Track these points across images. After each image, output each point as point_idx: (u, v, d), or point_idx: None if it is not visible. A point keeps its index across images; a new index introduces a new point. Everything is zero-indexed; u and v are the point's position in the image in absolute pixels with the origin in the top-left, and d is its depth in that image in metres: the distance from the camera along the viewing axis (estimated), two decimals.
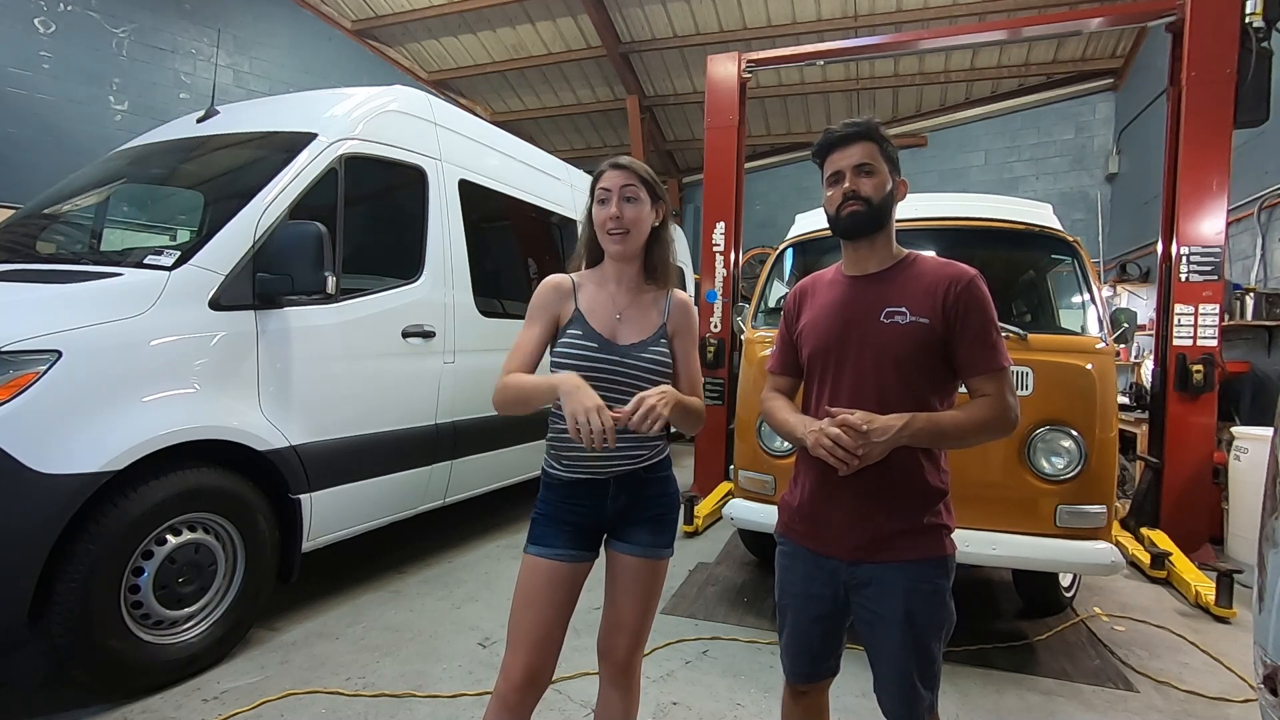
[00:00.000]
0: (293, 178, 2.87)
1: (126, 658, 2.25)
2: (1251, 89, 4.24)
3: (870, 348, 1.41)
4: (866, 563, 1.40)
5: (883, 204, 1.43)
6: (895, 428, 1.31)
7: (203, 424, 2.44)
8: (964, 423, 1.37)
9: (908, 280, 1.44)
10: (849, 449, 1.31)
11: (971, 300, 1.38)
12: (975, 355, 1.38)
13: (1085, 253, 3.30)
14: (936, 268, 1.44)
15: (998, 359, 1.38)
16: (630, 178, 1.54)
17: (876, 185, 1.43)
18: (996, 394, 1.37)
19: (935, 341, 1.38)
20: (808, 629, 1.50)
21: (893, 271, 1.47)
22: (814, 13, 8.45)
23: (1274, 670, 1.27)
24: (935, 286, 1.40)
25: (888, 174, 1.45)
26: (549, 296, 1.59)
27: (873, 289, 1.46)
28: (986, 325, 1.39)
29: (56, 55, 6.44)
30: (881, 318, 1.41)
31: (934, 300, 1.39)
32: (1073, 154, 9.39)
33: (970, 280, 1.40)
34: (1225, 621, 3.37)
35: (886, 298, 1.43)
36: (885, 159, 1.45)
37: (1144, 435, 5.03)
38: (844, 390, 1.43)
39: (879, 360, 1.40)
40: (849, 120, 1.47)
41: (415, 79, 10.34)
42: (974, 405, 1.39)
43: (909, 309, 1.40)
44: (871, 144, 1.44)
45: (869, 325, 1.43)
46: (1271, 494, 1.40)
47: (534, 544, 1.55)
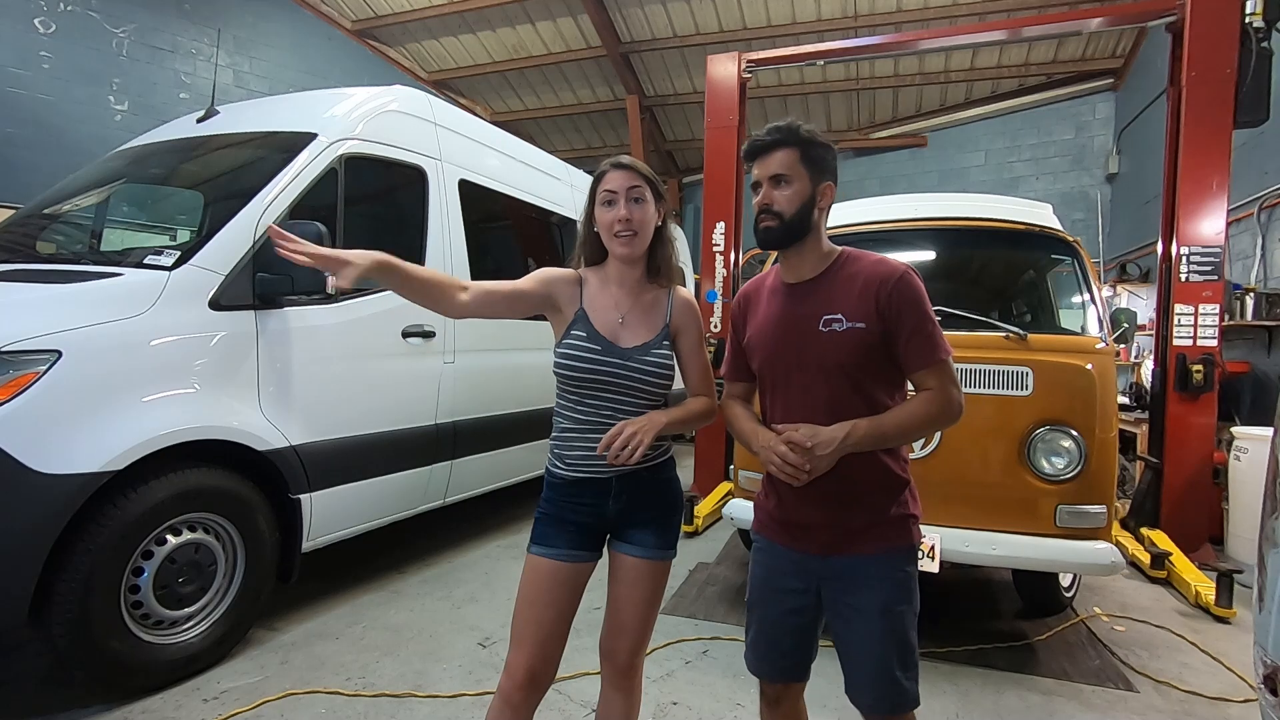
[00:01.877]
0: (293, 178, 2.87)
1: (126, 658, 2.25)
2: (1251, 89, 4.24)
3: (813, 358, 1.42)
4: (839, 555, 1.43)
5: (797, 217, 1.42)
6: (838, 439, 1.34)
7: (203, 424, 2.44)
8: (906, 421, 1.39)
9: (841, 284, 1.44)
10: (796, 465, 1.34)
11: (903, 298, 1.38)
12: (913, 351, 1.40)
13: (1085, 253, 3.30)
14: (868, 268, 1.43)
15: (935, 352, 1.39)
16: (636, 178, 1.54)
17: (791, 197, 1.41)
18: (938, 387, 1.39)
19: (874, 343, 1.39)
20: (779, 622, 1.50)
21: (826, 276, 1.47)
22: (814, 13, 8.44)
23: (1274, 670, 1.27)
24: (868, 288, 1.40)
25: (808, 181, 1.42)
26: (557, 282, 1.57)
27: (809, 297, 1.46)
28: (921, 320, 1.39)
29: (56, 55, 6.44)
30: (820, 326, 1.42)
31: (868, 303, 1.39)
32: (1073, 154, 9.39)
33: (900, 277, 1.40)
34: (1225, 621, 3.37)
35: (822, 305, 1.43)
36: (808, 164, 1.42)
37: (1144, 435, 5.03)
38: (794, 400, 1.45)
39: (823, 369, 1.41)
40: (772, 125, 1.44)
41: (415, 79, 10.34)
42: (916, 401, 1.41)
43: (844, 315, 1.40)
44: (791, 150, 1.42)
45: (809, 335, 1.43)
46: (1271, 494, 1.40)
47: (537, 544, 1.55)
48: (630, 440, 1.42)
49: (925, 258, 3.45)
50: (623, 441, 1.41)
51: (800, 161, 1.42)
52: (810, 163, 1.43)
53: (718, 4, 8.53)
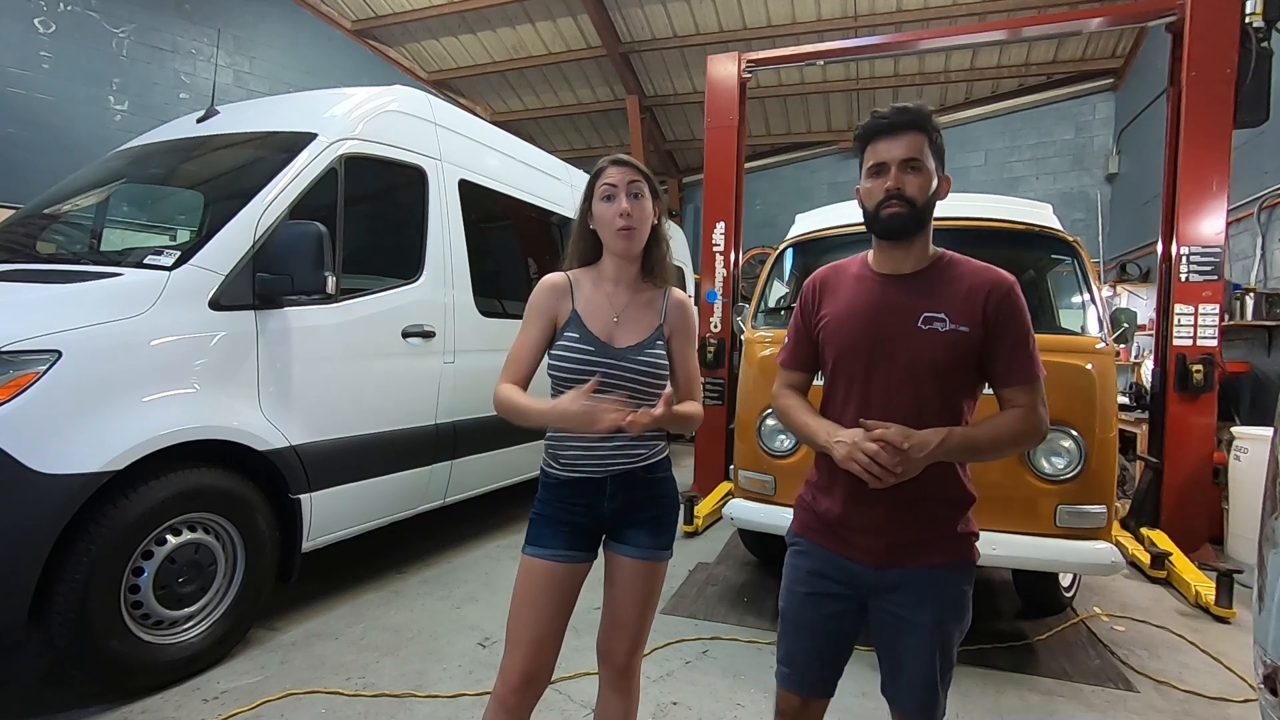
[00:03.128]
0: (293, 178, 2.87)
1: (126, 658, 2.25)
2: (1251, 89, 4.24)
3: (905, 355, 1.33)
4: (895, 567, 1.35)
5: (926, 205, 1.35)
6: (933, 444, 1.26)
7: (203, 424, 2.44)
8: (998, 436, 1.32)
9: (946, 284, 1.36)
10: (886, 466, 1.24)
11: (1012, 309, 1.33)
12: (1013, 365, 1.33)
13: (1085, 253, 3.30)
14: (976, 272, 1.37)
15: (1034, 370, 1.34)
16: (635, 174, 1.54)
17: (922, 184, 1.33)
18: (1030, 406, 1.33)
19: (974, 350, 1.32)
20: (820, 629, 1.42)
21: (929, 273, 1.38)
22: (814, 13, 8.45)
23: (1274, 670, 1.27)
24: (975, 292, 1.33)
25: (934, 171, 1.35)
26: (545, 298, 1.58)
27: (908, 291, 1.37)
28: (1025, 335, 1.34)
29: (56, 55, 6.44)
30: (920, 324, 1.33)
31: (974, 307, 1.32)
32: (1073, 154, 9.39)
33: (1011, 287, 1.35)
34: (1225, 621, 3.37)
35: (924, 302, 1.35)
36: (934, 153, 1.35)
37: (1144, 435, 5.03)
38: (876, 398, 1.35)
39: (916, 369, 1.33)
40: (899, 105, 1.34)
41: (415, 79, 10.34)
42: (1007, 417, 1.34)
43: (949, 316, 1.32)
44: (922, 136, 1.33)
45: (905, 331, 1.34)
46: (1271, 494, 1.40)
47: (532, 544, 1.55)
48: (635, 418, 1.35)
49: None
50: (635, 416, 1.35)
51: (929, 148, 1.35)
52: (936, 152, 1.37)
53: (718, 4, 8.53)
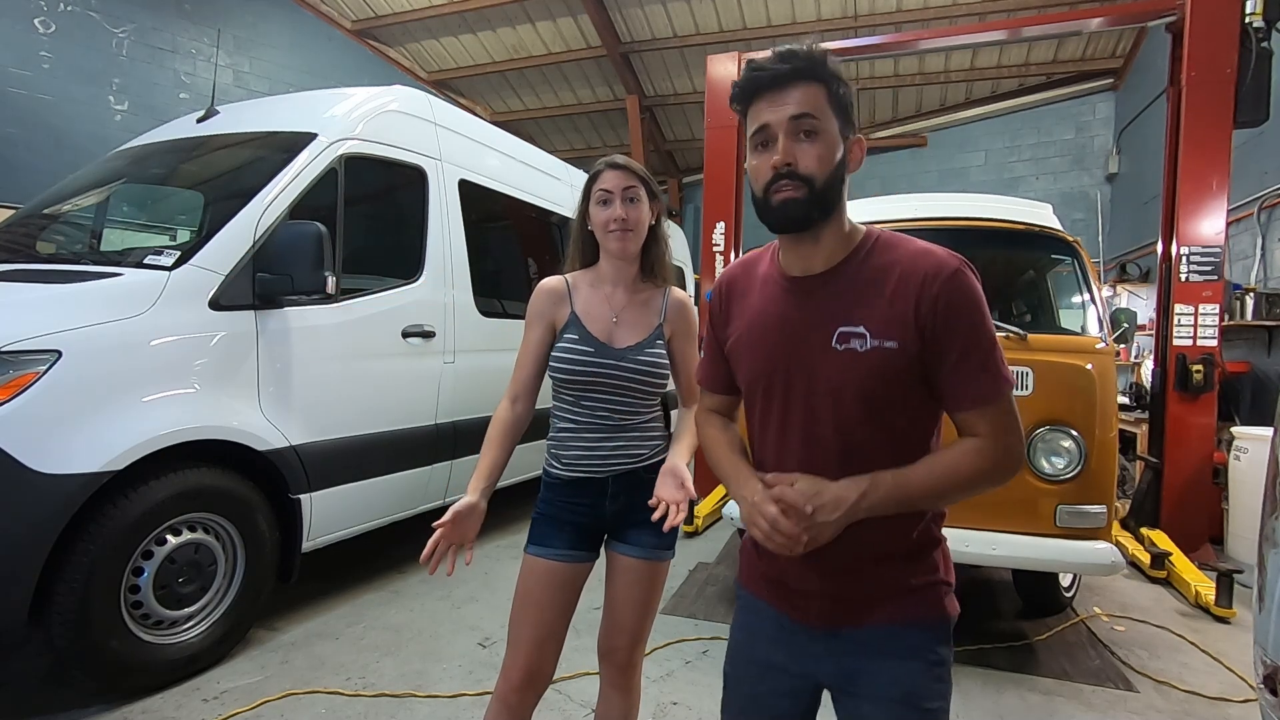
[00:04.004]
0: (293, 178, 2.87)
1: (126, 658, 2.25)
2: (1251, 89, 4.24)
3: (822, 382, 1.03)
4: (846, 628, 1.07)
5: (831, 180, 0.99)
6: (848, 502, 0.97)
7: (203, 424, 2.44)
8: (941, 480, 1.00)
9: (867, 284, 1.02)
10: (789, 535, 0.97)
11: (955, 305, 0.98)
12: (961, 383, 0.99)
13: (1085, 253, 3.30)
14: (905, 261, 1.02)
15: (993, 387, 0.99)
16: (631, 178, 1.54)
17: (822, 153, 0.98)
18: (990, 434, 0.99)
19: (909, 366, 1.00)
20: (764, 704, 1.14)
21: (846, 269, 1.04)
22: (814, 13, 8.45)
23: (1274, 670, 1.27)
24: (903, 290, 0.99)
25: (837, 133, 1.00)
26: (544, 303, 1.59)
27: (819, 298, 1.05)
28: (976, 340, 0.98)
29: (56, 55, 6.44)
30: (834, 342, 1.02)
31: (902, 311, 0.99)
32: (1073, 154, 9.39)
33: (950, 276, 0.98)
34: (1225, 621, 3.38)
35: (837, 311, 1.03)
36: (836, 108, 1.00)
37: (1144, 435, 5.03)
38: (795, 435, 1.07)
39: (835, 398, 1.03)
40: (785, 49, 1.00)
41: (415, 79, 10.34)
42: (957, 452, 1.01)
43: (869, 328, 1.00)
44: (817, 87, 0.99)
45: (817, 351, 1.03)
46: (1271, 494, 1.40)
47: (534, 544, 1.56)
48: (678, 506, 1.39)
49: None
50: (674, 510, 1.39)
51: (828, 101, 0.99)
52: (840, 106, 1.01)
53: (718, 4, 8.53)
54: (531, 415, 1.63)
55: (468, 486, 1.49)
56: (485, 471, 1.52)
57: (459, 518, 1.42)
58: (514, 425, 1.59)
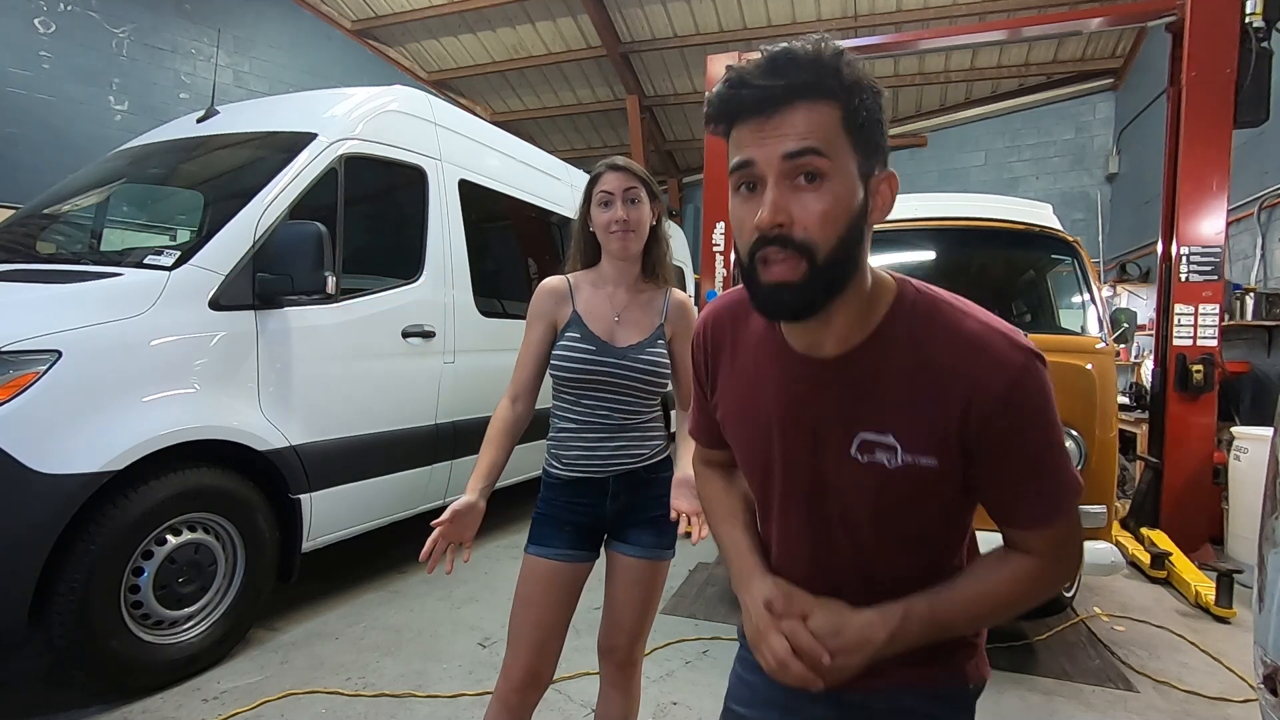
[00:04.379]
0: (293, 178, 2.87)
1: (126, 658, 2.25)
2: (1251, 89, 4.24)
3: (835, 496, 0.84)
4: (848, 692, 0.88)
5: (841, 250, 0.72)
6: (875, 644, 0.79)
7: (203, 424, 2.44)
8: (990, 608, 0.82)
9: (899, 374, 0.78)
10: (799, 678, 0.79)
11: (1017, 424, 0.75)
12: (1019, 504, 0.80)
13: (1085, 253, 3.30)
14: (953, 352, 0.76)
15: (1058, 506, 0.79)
16: (631, 180, 1.54)
17: (830, 209, 0.71)
18: (1048, 551, 0.81)
19: (948, 483, 0.80)
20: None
21: (870, 351, 0.79)
22: (814, 13, 8.45)
23: (1274, 670, 1.27)
24: (949, 396, 0.76)
25: (855, 174, 0.72)
26: (545, 302, 1.60)
27: (834, 389, 0.81)
28: (1041, 456, 0.77)
29: (56, 55, 6.44)
30: (854, 450, 0.80)
31: (945, 420, 0.76)
32: (1073, 154, 9.39)
33: (1012, 385, 0.74)
34: (1225, 621, 3.37)
35: (860, 410, 0.80)
36: (854, 136, 0.72)
37: (1144, 435, 5.03)
38: (803, 543, 0.89)
39: (848, 517, 0.84)
40: (778, 50, 0.72)
41: (415, 79, 10.34)
42: (1009, 573, 0.82)
43: (902, 440, 0.78)
44: (825, 106, 0.71)
45: (831, 457, 0.82)
46: (1271, 494, 1.40)
47: (534, 544, 1.56)
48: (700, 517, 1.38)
49: (925, 258, 3.44)
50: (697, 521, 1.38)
51: (844, 130, 0.71)
52: (862, 131, 0.72)
53: (718, 4, 8.53)
54: (531, 415, 1.63)
55: (467, 485, 1.49)
56: (484, 470, 1.52)
57: (458, 516, 1.42)
58: (514, 424, 1.59)
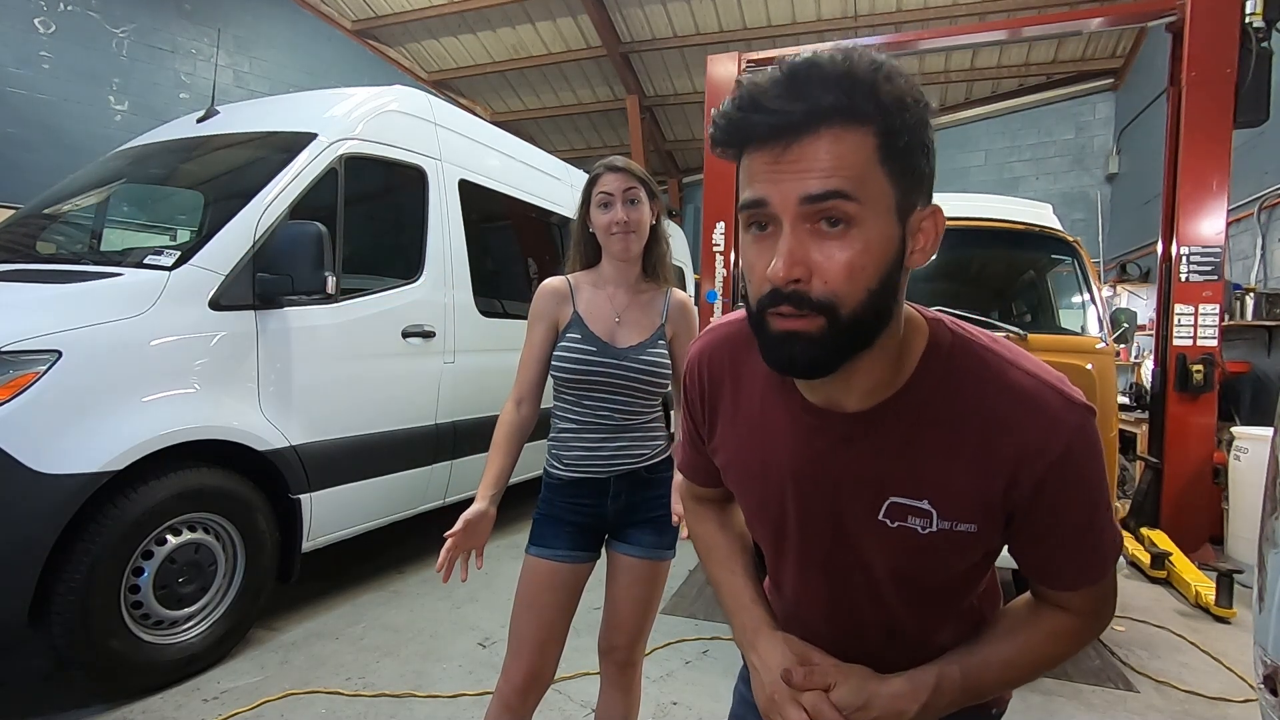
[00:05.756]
0: (293, 178, 2.87)
1: (126, 658, 2.25)
2: (1251, 89, 4.24)
3: (860, 564, 0.78)
4: None
5: (868, 307, 0.62)
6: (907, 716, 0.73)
7: (203, 424, 2.44)
8: (1025, 669, 0.79)
9: (934, 432, 0.70)
10: None
11: (1069, 482, 0.69)
12: (1061, 565, 0.75)
13: (1085, 253, 3.31)
14: (1001, 410, 0.69)
15: (1101, 567, 0.75)
16: (630, 180, 1.54)
17: (857, 260, 0.60)
18: (1086, 611, 0.77)
19: (985, 545, 0.75)
20: None
21: (901, 405, 0.71)
22: (814, 13, 8.45)
23: (1274, 670, 1.27)
24: (995, 461, 0.69)
25: (892, 214, 0.63)
26: (546, 303, 1.60)
27: (859, 446, 0.73)
28: (1091, 519, 0.72)
29: (56, 55, 6.44)
30: (882, 515, 0.73)
31: (989, 486, 0.69)
32: (1073, 154, 9.39)
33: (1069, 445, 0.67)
34: (1225, 621, 3.37)
35: (890, 472, 0.72)
36: (892, 168, 0.61)
37: (1144, 435, 5.03)
38: (816, 607, 0.85)
39: (873, 581, 0.79)
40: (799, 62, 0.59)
41: (415, 79, 10.34)
42: (1044, 634, 0.78)
43: (939, 506, 0.71)
44: (858, 132, 0.59)
45: (856, 520, 0.76)
46: (1271, 494, 1.40)
47: (535, 544, 1.56)
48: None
49: None
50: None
51: (880, 162, 0.61)
52: (902, 158, 0.62)
53: (718, 4, 8.53)
54: (537, 417, 1.63)
55: (477, 493, 1.48)
56: (493, 478, 1.52)
57: (470, 525, 1.43)
58: (520, 428, 1.59)
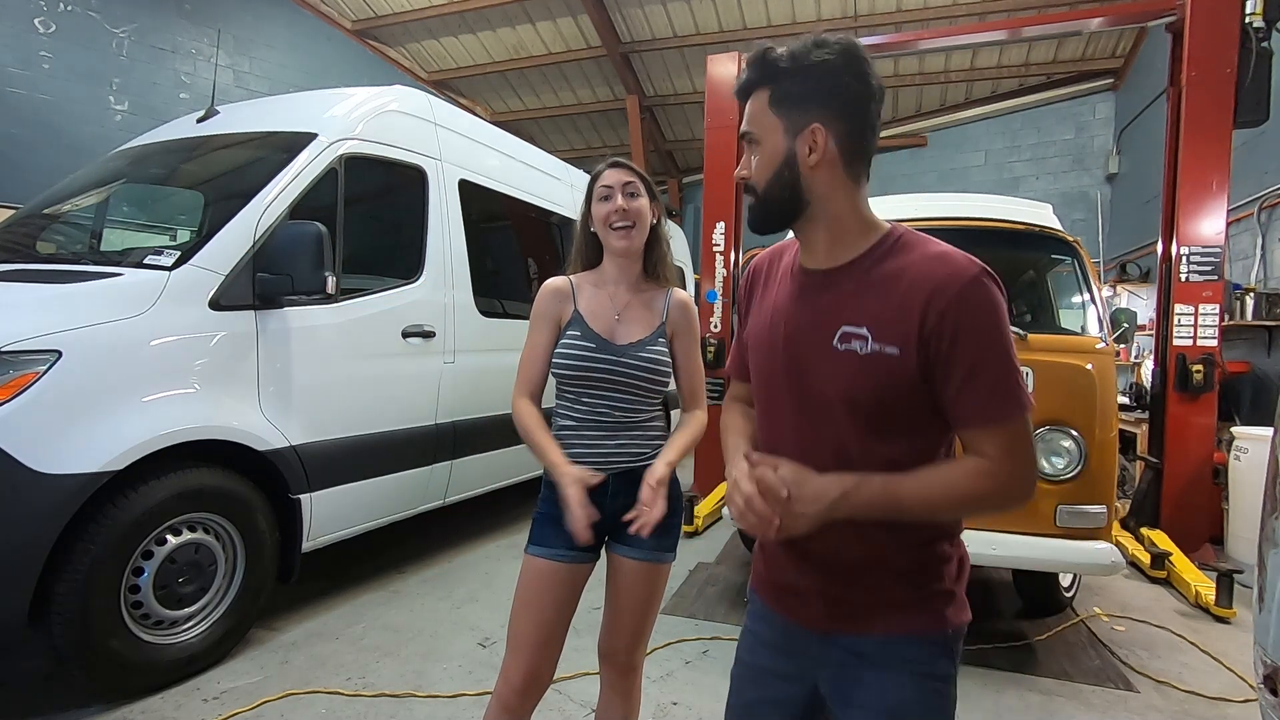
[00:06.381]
0: (293, 178, 2.87)
1: (126, 658, 2.25)
2: (1251, 89, 4.24)
3: (816, 383, 0.98)
4: (844, 634, 1.03)
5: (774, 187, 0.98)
6: (830, 497, 0.91)
7: (203, 424, 2.44)
8: (935, 493, 0.93)
9: (878, 283, 0.96)
10: (761, 517, 0.92)
11: (964, 320, 0.89)
12: (968, 402, 0.91)
13: (1085, 253, 3.31)
14: (919, 264, 0.94)
15: (1003, 408, 0.91)
16: (630, 175, 1.57)
17: (764, 160, 0.98)
18: (997, 456, 0.92)
19: (909, 380, 0.93)
20: (756, 713, 1.12)
21: (859, 266, 0.99)
22: (814, 13, 8.45)
23: (1274, 670, 1.27)
24: (913, 295, 0.92)
25: (780, 134, 0.97)
26: (549, 302, 1.61)
27: (827, 293, 1.00)
28: (987, 358, 0.90)
29: (56, 55, 6.44)
30: (835, 341, 0.96)
31: (907, 318, 0.92)
32: (1073, 154, 9.39)
33: (963, 288, 0.90)
34: (1225, 621, 3.38)
35: (844, 308, 0.97)
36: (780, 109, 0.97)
37: (1144, 435, 5.03)
38: (789, 436, 1.03)
39: (828, 403, 0.98)
40: (755, 53, 1.02)
41: (415, 79, 10.34)
42: (960, 469, 0.95)
43: (872, 330, 0.94)
44: (759, 94, 0.99)
45: (818, 350, 0.98)
46: (1271, 494, 1.40)
47: (535, 544, 1.55)
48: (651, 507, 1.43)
49: None
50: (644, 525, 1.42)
51: (771, 106, 0.97)
52: (790, 100, 0.96)
53: (718, 4, 8.53)
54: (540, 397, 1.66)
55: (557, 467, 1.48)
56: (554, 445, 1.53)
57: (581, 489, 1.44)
58: (539, 413, 1.60)
